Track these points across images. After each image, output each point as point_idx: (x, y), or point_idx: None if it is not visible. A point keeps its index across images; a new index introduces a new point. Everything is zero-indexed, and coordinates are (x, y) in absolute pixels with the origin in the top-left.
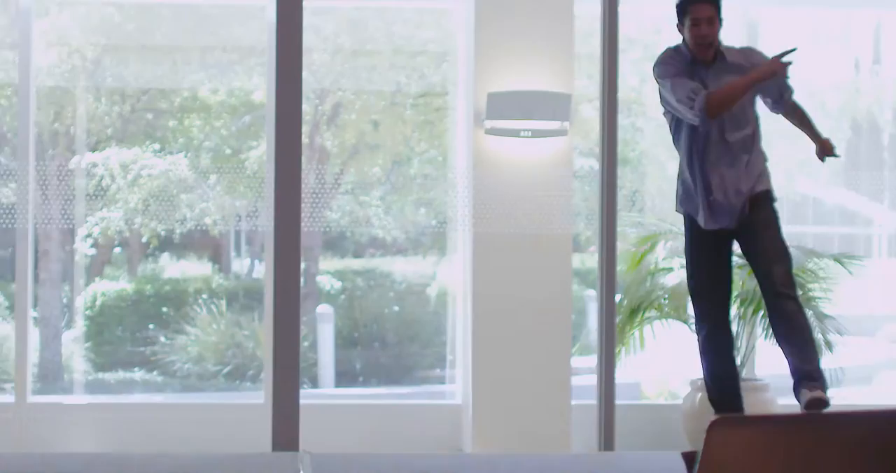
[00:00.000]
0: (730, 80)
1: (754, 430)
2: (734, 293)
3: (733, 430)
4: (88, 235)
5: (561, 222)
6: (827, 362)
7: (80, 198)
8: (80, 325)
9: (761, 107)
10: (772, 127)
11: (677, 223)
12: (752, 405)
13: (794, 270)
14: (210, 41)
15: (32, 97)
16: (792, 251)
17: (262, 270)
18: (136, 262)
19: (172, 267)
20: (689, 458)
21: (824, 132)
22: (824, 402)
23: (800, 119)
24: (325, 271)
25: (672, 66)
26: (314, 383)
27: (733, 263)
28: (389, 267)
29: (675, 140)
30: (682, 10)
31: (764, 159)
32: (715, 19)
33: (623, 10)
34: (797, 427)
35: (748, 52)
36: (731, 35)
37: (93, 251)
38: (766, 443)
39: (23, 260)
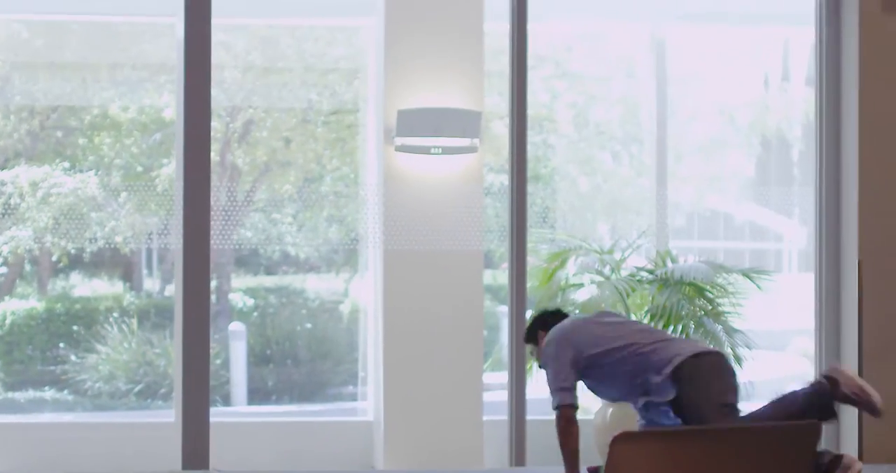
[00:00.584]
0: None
1: (657, 444)
2: (644, 308)
3: (636, 444)
4: None
5: (472, 238)
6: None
7: None
8: None
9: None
10: (684, 141)
11: (588, 239)
12: None
13: (704, 285)
14: (120, 58)
15: None
16: (702, 266)
17: (174, 288)
18: (47, 281)
19: (83, 286)
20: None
21: (734, 149)
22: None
23: None
24: (238, 288)
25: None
26: (226, 401)
27: (641, 278)
28: (302, 285)
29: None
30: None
31: None
32: (533, 352)
33: (533, 27)
34: (699, 440)
35: None
36: (640, 54)
37: (2, 269)
38: (668, 457)
39: None
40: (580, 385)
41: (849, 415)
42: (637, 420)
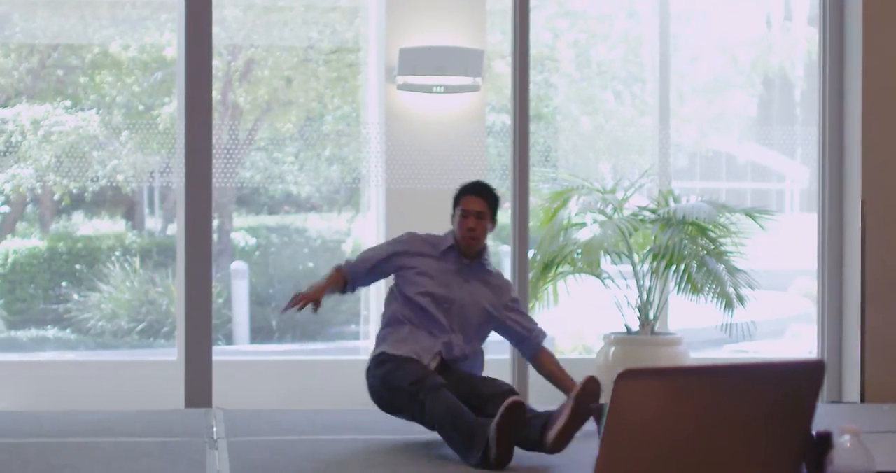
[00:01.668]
0: (481, 289)
1: (661, 381)
2: (647, 248)
3: (640, 382)
4: (0, 192)
5: (474, 177)
6: (739, 316)
7: None
8: None
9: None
10: (686, 80)
11: (591, 178)
12: (666, 358)
13: (707, 224)
14: None
15: None
16: (704, 205)
17: (176, 227)
18: (49, 220)
19: (85, 225)
20: (598, 411)
21: (736, 88)
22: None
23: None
24: (240, 228)
25: (401, 244)
26: (229, 340)
27: (643, 217)
28: (304, 224)
29: None
30: (456, 199)
31: None
32: (485, 216)
33: None
34: (703, 378)
35: (503, 279)
36: None
37: (4, 208)
38: (673, 394)
39: None
40: None
41: (851, 354)
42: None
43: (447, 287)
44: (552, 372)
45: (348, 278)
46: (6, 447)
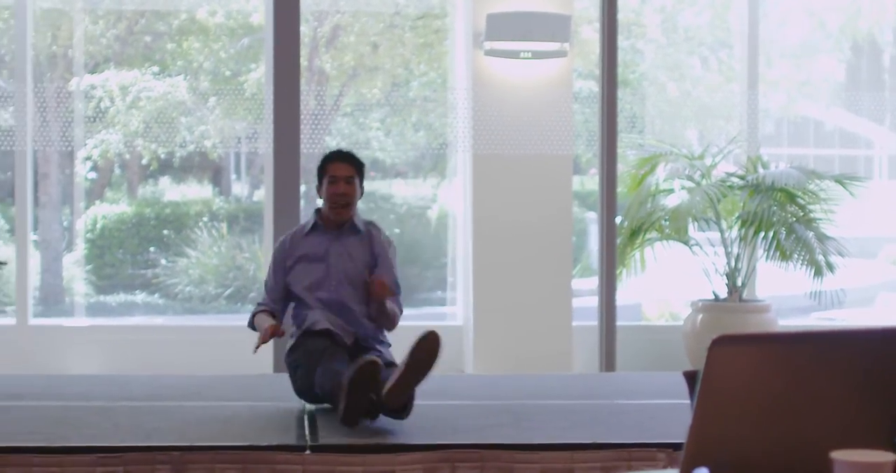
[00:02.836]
0: (358, 248)
1: (756, 348)
2: (735, 214)
3: (735, 348)
4: (88, 158)
5: (561, 143)
6: (828, 283)
7: (78, 121)
8: (80, 248)
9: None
10: (774, 46)
11: (678, 144)
12: (754, 325)
13: (796, 191)
14: None
15: (30, 19)
16: (794, 172)
17: (262, 193)
18: (136, 185)
19: (173, 190)
20: (690, 377)
21: (825, 53)
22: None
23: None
24: None
25: (277, 267)
26: None
27: (732, 183)
28: (389, 190)
29: None
30: (321, 169)
31: None
32: (354, 180)
33: None
34: (798, 345)
35: (377, 234)
36: None
37: (93, 174)
38: (767, 361)
39: (22, 183)
40: None
41: None
42: None
43: (319, 271)
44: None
45: (276, 312)
46: (96, 410)
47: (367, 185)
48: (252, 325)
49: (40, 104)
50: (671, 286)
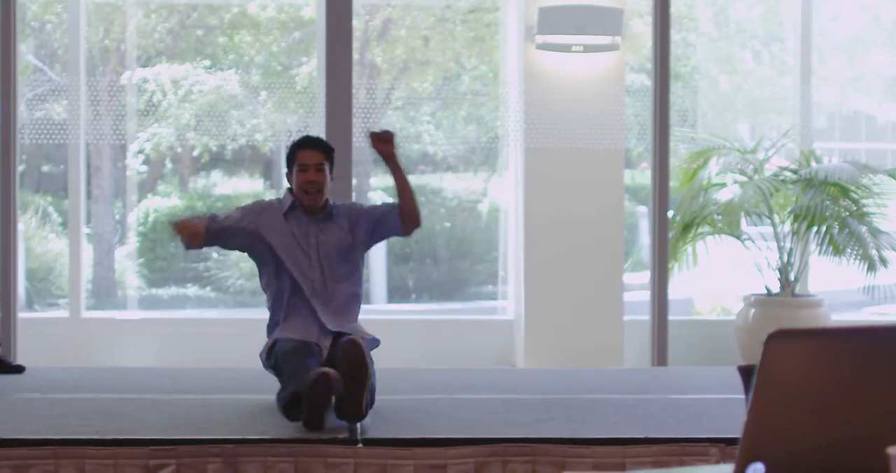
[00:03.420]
0: (336, 232)
1: (812, 343)
2: (788, 208)
3: (791, 343)
4: (140, 151)
5: (613, 137)
6: (882, 278)
7: (131, 114)
8: (132, 241)
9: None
10: (827, 40)
11: (730, 138)
12: (807, 320)
13: (849, 185)
14: None
15: (83, 13)
16: (846, 166)
17: None
18: (188, 178)
19: (224, 184)
20: (745, 372)
21: (878, 48)
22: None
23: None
24: (377, 187)
25: (247, 210)
26: (367, 299)
27: (784, 177)
28: (440, 184)
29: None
30: (290, 157)
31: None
32: (324, 166)
33: None
34: (854, 340)
35: (348, 205)
36: None
37: (144, 167)
38: (823, 356)
39: (75, 176)
40: None
41: None
42: None
43: (303, 251)
44: (399, 189)
45: (213, 226)
46: (150, 402)
47: (417, 179)
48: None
49: (93, 98)
50: (723, 280)
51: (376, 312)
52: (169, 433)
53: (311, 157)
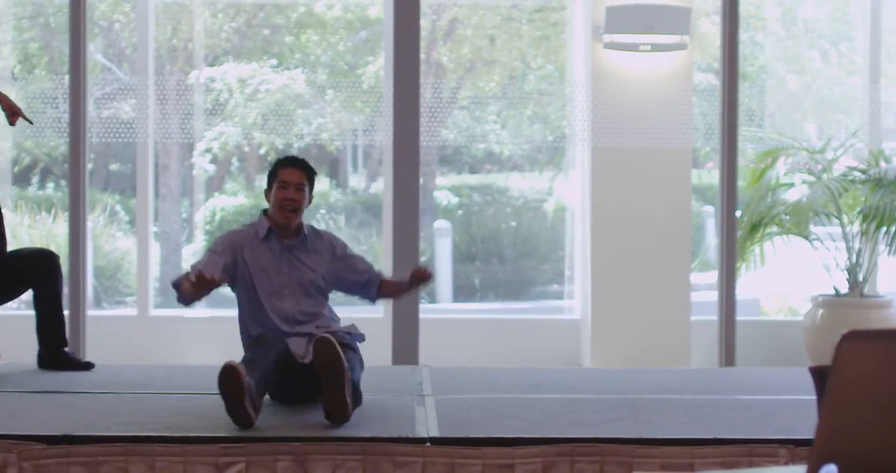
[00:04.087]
0: (306, 270)
1: (885, 344)
2: (857, 209)
3: (864, 344)
4: (207, 150)
5: (681, 137)
6: None
7: (198, 113)
8: (199, 240)
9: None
10: (894, 40)
11: (799, 138)
12: (876, 321)
13: None
14: None
15: (151, 13)
16: None
17: (379, 186)
18: (254, 177)
19: None
20: (818, 373)
21: None
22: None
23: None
24: (442, 186)
25: (221, 243)
26: (432, 298)
27: (853, 177)
28: (505, 183)
29: None
30: (272, 174)
31: None
32: (304, 187)
33: None
34: None
35: (328, 237)
36: None
37: (211, 166)
38: None
39: (143, 175)
40: None
41: None
42: None
43: (277, 278)
44: (395, 289)
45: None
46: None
47: (483, 178)
48: (178, 284)
49: (161, 97)
50: (790, 281)
51: (442, 311)
52: (239, 431)
53: (294, 176)
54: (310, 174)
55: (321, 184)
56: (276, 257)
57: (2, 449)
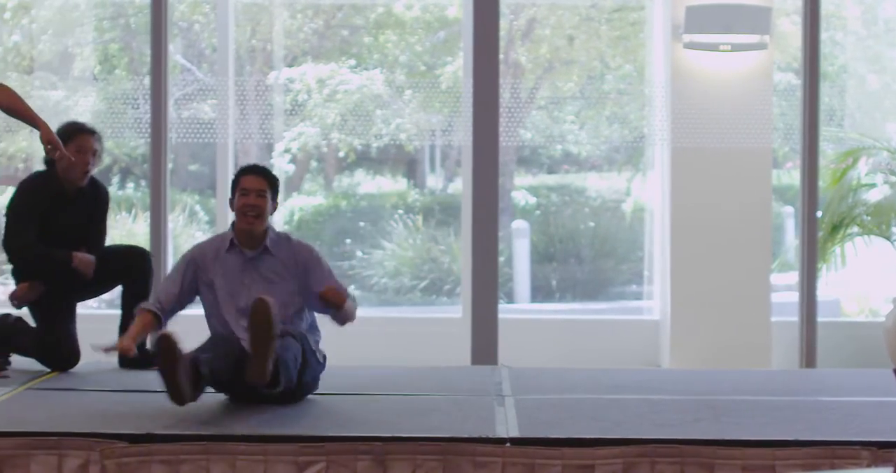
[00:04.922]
0: (269, 268)
1: None
2: None
3: None
4: (286, 150)
5: (761, 137)
6: None
7: (277, 114)
8: None
9: None
10: None
11: (880, 138)
12: None
13: None
14: None
15: (231, 14)
16: None
17: (457, 186)
18: (332, 177)
19: (368, 183)
20: None
21: None
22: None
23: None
24: (520, 186)
25: (179, 268)
26: (510, 298)
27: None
28: (583, 183)
29: None
30: (234, 183)
31: None
32: (265, 193)
33: None
34: None
35: (298, 248)
36: None
37: (291, 166)
38: None
39: (223, 175)
40: None
41: None
42: None
43: (241, 297)
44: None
45: (161, 314)
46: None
47: (561, 178)
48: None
49: (240, 97)
50: (871, 282)
51: (520, 312)
52: (318, 430)
53: (254, 183)
54: (271, 181)
55: (398, 183)
56: (238, 273)
57: (84, 448)
